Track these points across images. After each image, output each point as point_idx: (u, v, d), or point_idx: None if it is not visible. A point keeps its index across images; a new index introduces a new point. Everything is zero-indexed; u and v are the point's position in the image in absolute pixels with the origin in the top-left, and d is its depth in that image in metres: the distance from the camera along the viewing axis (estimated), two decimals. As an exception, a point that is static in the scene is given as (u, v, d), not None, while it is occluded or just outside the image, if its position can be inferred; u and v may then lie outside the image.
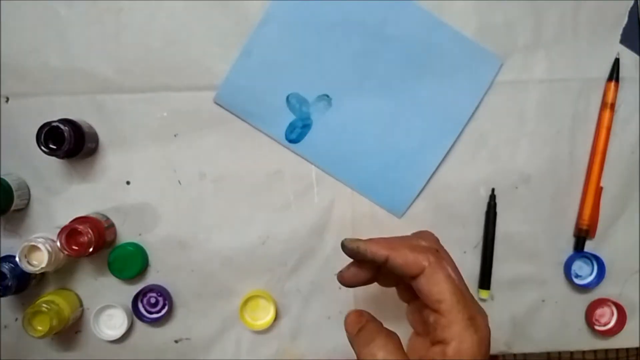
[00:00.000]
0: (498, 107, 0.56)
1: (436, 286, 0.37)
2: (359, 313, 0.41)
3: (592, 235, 0.58)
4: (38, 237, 0.52)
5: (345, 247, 0.41)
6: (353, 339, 0.40)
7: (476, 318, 0.37)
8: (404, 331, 0.44)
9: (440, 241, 0.58)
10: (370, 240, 0.40)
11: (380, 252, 0.39)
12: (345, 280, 0.42)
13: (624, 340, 0.59)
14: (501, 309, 0.58)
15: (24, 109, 0.54)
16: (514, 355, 0.61)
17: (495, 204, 0.57)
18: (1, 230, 0.55)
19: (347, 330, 0.41)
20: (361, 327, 0.40)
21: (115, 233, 0.56)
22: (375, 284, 0.44)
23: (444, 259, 0.39)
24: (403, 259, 0.38)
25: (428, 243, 0.43)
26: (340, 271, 0.43)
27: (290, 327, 0.58)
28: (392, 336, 0.39)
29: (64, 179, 0.55)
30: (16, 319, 0.56)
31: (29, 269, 0.51)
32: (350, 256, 0.42)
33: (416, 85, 0.55)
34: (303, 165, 0.56)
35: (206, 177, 0.56)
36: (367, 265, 0.42)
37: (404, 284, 0.42)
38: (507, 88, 0.56)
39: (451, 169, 0.57)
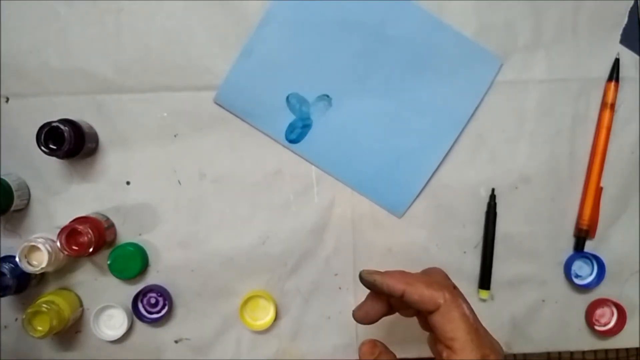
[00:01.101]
0: (498, 107, 0.56)
1: (450, 324, 0.38)
2: (373, 344, 0.42)
3: (592, 235, 0.58)
4: (38, 237, 0.52)
5: (362, 279, 0.42)
6: None
7: (489, 357, 0.38)
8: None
9: (440, 241, 0.58)
10: (387, 273, 0.41)
11: (397, 286, 0.40)
12: (361, 314, 0.43)
13: (624, 340, 0.59)
14: (501, 309, 0.58)
15: (24, 109, 0.54)
16: (514, 355, 0.61)
17: (495, 204, 0.57)
18: (1, 230, 0.55)
19: None
20: (375, 358, 0.41)
21: (115, 233, 0.56)
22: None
23: (459, 296, 0.40)
24: (419, 294, 0.39)
25: (442, 280, 0.43)
26: (355, 308, 0.43)
27: (290, 327, 0.58)
28: None
29: (64, 179, 0.55)
30: (16, 319, 0.56)
31: (29, 269, 0.51)
32: (367, 287, 0.42)
33: (416, 85, 0.55)
34: (303, 165, 0.56)
35: (206, 177, 0.56)
36: (382, 298, 0.43)
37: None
38: (507, 88, 0.56)
39: (451, 169, 0.57)
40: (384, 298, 0.43)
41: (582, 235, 0.57)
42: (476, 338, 0.38)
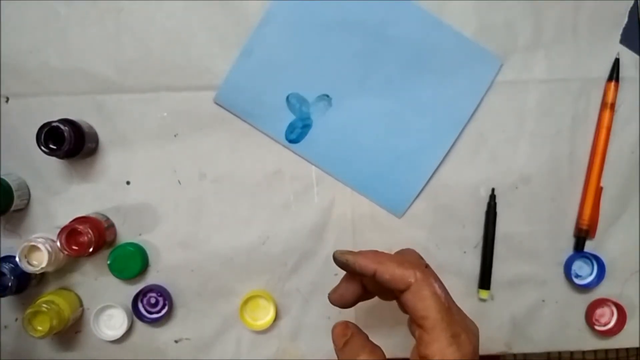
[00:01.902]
0: (498, 107, 0.56)
1: (421, 302, 0.38)
2: (345, 325, 0.42)
3: (592, 235, 0.58)
4: (38, 237, 0.52)
5: (335, 259, 0.42)
6: (338, 352, 0.41)
7: (460, 335, 0.37)
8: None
9: (440, 241, 0.58)
10: (359, 253, 0.41)
11: (369, 266, 0.40)
12: (336, 296, 0.43)
13: (624, 340, 0.59)
14: (501, 309, 0.58)
15: (24, 109, 0.54)
16: (514, 355, 0.61)
17: (495, 204, 0.57)
18: (1, 230, 0.55)
19: (333, 342, 0.42)
20: (346, 340, 0.40)
21: (115, 233, 0.56)
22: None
23: (431, 275, 0.40)
24: (390, 273, 0.39)
25: (414, 260, 0.44)
26: (331, 291, 0.44)
27: (290, 327, 0.58)
28: (376, 351, 0.40)
29: (64, 179, 0.55)
30: (16, 319, 0.56)
31: (29, 269, 0.51)
32: (340, 267, 0.42)
33: (416, 85, 0.55)
34: (303, 165, 0.56)
35: (206, 177, 0.56)
36: (356, 279, 0.43)
37: None
38: (507, 88, 0.56)
39: (451, 169, 0.57)
40: (357, 279, 0.43)
41: (582, 235, 0.57)
42: (447, 316, 0.37)
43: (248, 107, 0.55)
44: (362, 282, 0.43)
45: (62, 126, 0.49)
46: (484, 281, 0.57)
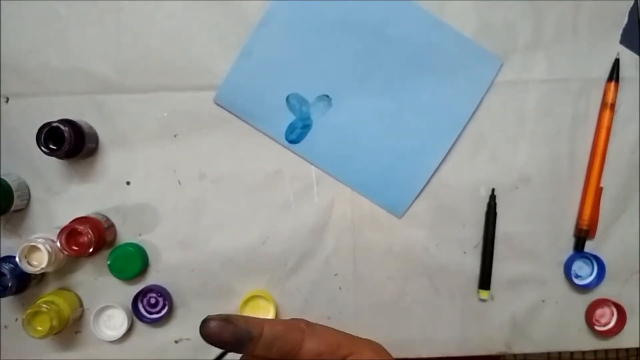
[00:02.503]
0: (498, 107, 0.56)
1: (325, 335, 0.31)
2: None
3: (592, 235, 0.57)
4: (38, 237, 0.52)
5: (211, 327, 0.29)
6: None
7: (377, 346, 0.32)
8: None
9: (440, 241, 0.58)
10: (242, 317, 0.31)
11: (257, 325, 0.30)
12: None
13: (624, 341, 0.59)
14: (501, 309, 0.58)
15: (24, 109, 0.54)
16: (514, 355, 0.61)
17: (495, 204, 0.57)
18: (1, 230, 0.55)
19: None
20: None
21: (115, 233, 0.56)
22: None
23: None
24: (279, 328, 0.30)
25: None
26: None
27: (290, 327, 0.58)
28: None
29: (64, 179, 0.55)
30: (16, 319, 0.56)
31: (29, 269, 0.51)
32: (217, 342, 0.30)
33: (416, 85, 0.55)
34: (303, 165, 0.56)
35: (206, 177, 0.56)
36: None
37: None
38: (507, 88, 0.56)
39: (451, 169, 0.57)
40: None
41: (582, 235, 0.57)
42: (350, 335, 0.32)
43: (248, 107, 0.55)
44: None
45: (62, 126, 0.49)
46: (484, 281, 0.57)
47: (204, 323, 0.28)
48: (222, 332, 0.28)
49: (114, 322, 0.56)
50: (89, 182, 0.55)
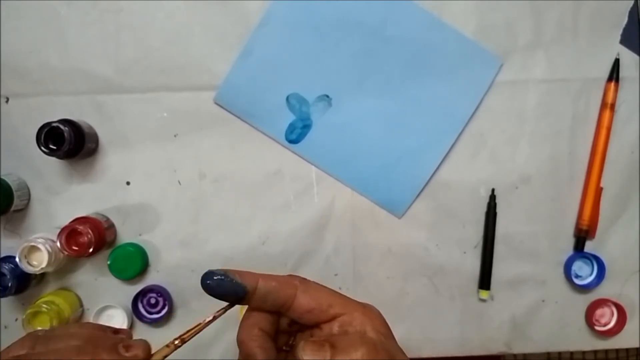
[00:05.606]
0: (498, 107, 0.56)
1: (318, 293, 0.32)
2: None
3: (592, 235, 0.57)
4: (38, 238, 0.52)
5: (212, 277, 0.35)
6: None
7: (369, 306, 0.32)
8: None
9: (440, 241, 0.58)
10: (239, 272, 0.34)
11: (252, 279, 0.33)
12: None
13: (624, 341, 0.59)
14: (501, 309, 0.58)
15: (24, 109, 0.54)
16: (514, 355, 0.61)
17: (495, 204, 0.57)
18: (1, 230, 0.55)
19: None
20: None
21: (115, 233, 0.56)
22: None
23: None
24: (272, 284, 0.32)
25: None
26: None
27: (290, 327, 0.58)
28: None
29: (64, 179, 0.55)
30: (16, 319, 0.56)
31: (29, 269, 0.51)
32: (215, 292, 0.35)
33: (416, 85, 0.55)
34: (303, 165, 0.56)
35: (206, 177, 0.56)
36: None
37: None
38: (507, 88, 0.56)
39: (451, 169, 0.57)
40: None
41: (582, 235, 0.57)
42: (345, 297, 0.32)
43: (248, 107, 0.55)
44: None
45: (62, 126, 0.49)
46: (484, 281, 0.57)
47: (204, 277, 0.34)
48: (218, 286, 0.34)
49: (114, 322, 0.56)
50: (89, 182, 0.55)
